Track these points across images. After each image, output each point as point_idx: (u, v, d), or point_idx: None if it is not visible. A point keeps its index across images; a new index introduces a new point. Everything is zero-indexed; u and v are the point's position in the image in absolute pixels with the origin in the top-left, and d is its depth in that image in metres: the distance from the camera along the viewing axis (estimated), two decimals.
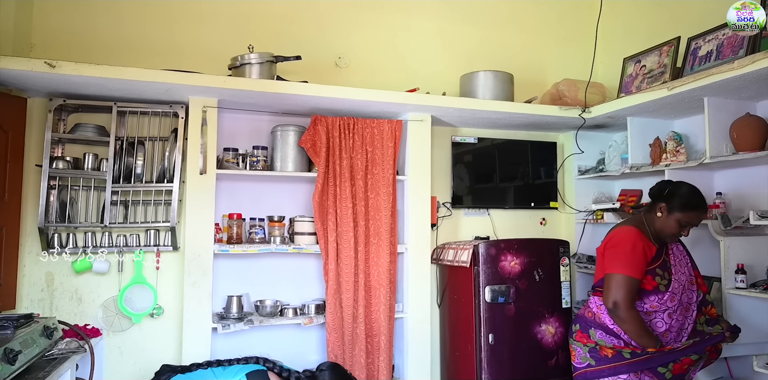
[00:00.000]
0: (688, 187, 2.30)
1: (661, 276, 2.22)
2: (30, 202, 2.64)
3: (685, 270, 2.30)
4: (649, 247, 2.22)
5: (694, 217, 2.24)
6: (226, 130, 2.91)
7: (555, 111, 3.14)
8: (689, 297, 2.27)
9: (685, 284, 2.26)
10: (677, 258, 2.31)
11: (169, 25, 2.94)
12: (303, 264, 3.06)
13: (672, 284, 2.23)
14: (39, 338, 2.16)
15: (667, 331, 2.24)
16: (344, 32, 3.25)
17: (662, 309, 2.23)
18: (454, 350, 3.09)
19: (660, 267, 2.23)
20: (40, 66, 2.29)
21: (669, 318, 2.23)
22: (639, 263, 2.17)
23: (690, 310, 2.27)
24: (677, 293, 2.23)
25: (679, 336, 2.25)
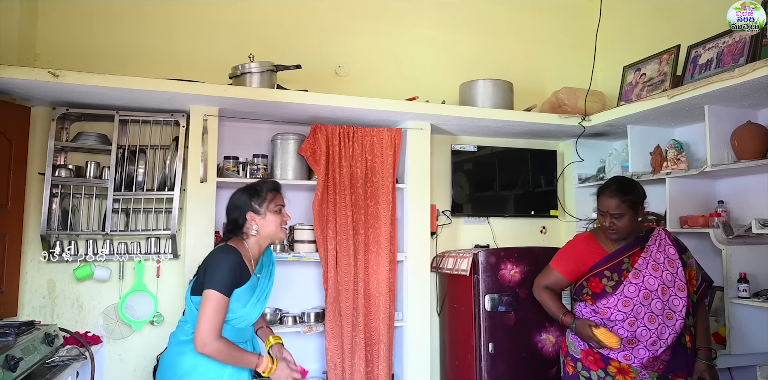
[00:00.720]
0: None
1: (609, 277, 2.18)
2: (32, 210, 2.66)
3: (662, 274, 2.14)
4: (596, 251, 2.24)
5: (600, 203, 2.21)
6: (226, 139, 2.93)
7: (555, 119, 3.14)
8: (665, 304, 2.11)
9: (658, 290, 2.11)
10: (653, 262, 2.16)
11: (171, 35, 2.98)
12: (302, 272, 3.07)
13: (624, 287, 2.12)
14: (40, 345, 2.17)
15: (634, 339, 2.10)
16: (344, 41, 3.28)
17: (618, 318, 2.12)
18: (454, 359, 3.08)
19: (609, 269, 2.18)
20: (43, 75, 2.33)
21: (631, 327, 2.11)
22: (568, 261, 2.32)
23: (673, 319, 2.10)
24: (633, 297, 2.11)
25: (655, 346, 2.10)
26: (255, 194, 1.95)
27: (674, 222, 2.81)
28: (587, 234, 2.38)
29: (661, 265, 2.15)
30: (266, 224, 1.94)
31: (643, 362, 2.11)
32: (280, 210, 1.98)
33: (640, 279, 2.13)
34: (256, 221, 1.93)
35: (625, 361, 2.12)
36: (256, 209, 1.93)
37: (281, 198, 2.01)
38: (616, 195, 2.17)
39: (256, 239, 1.95)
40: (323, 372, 2.97)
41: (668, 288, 2.12)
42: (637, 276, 2.14)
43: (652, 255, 2.17)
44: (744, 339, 2.47)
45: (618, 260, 2.19)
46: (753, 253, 2.57)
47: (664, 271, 2.15)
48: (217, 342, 1.77)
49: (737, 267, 2.53)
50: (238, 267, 1.85)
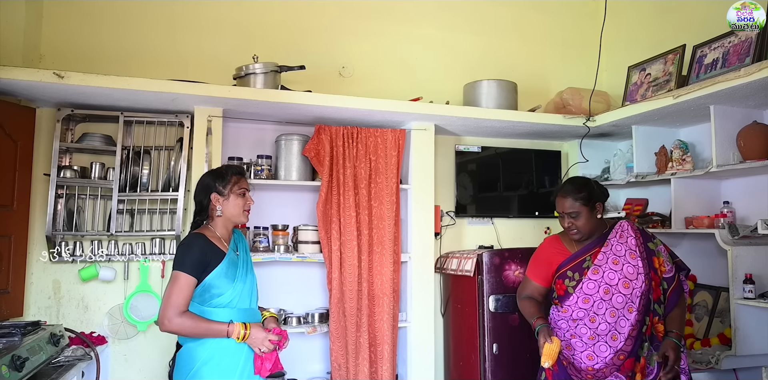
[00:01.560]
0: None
1: (570, 277, 2.17)
2: (38, 211, 2.67)
3: (623, 268, 2.10)
4: (560, 252, 2.24)
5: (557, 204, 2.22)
6: (230, 139, 2.94)
7: (559, 119, 3.13)
8: (627, 298, 2.07)
9: (619, 284, 2.08)
10: (613, 256, 2.13)
11: (175, 36, 2.99)
12: (307, 272, 3.07)
13: (583, 284, 2.11)
14: (46, 345, 2.19)
15: (595, 335, 2.08)
16: (348, 42, 3.28)
17: (579, 315, 2.10)
18: (458, 359, 3.07)
19: (571, 269, 2.18)
20: (49, 77, 2.34)
21: (593, 323, 2.09)
22: (537, 267, 2.32)
23: (633, 311, 2.06)
24: (592, 294, 2.09)
25: (615, 341, 2.06)
26: (219, 176, 2.03)
27: (679, 223, 2.80)
28: (554, 236, 2.37)
29: (622, 258, 2.12)
30: (229, 206, 2.01)
31: (607, 361, 2.07)
32: (244, 194, 2.05)
33: (600, 274, 2.12)
34: (219, 202, 2.01)
35: (588, 362, 2.09)
36: (220, 190, 2.01)
37: (246, 183, 2.08)
38: (568, 194, 2.18)
39: (221, 220, 2.02)
40: (327, 373, 2.97)
41: (630, 281, 2.08)
42: (596, 272, 2.12)
43: (613, 249, 2.15)
44: (749, 340, 2.46)
45: (580, 259, 2.18)
46: (759, 254, 2.56)
47: (625, 264, 2.11)
48: (179, 318, 1.84)
49: (743, 268, 2.52)
50: (201, 248, 1.92)
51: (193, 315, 1.88)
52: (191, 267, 1.87)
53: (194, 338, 1.91)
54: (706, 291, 2.89)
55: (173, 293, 1.86)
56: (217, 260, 1.93)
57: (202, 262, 1.90)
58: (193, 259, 1.88)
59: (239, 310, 1.95)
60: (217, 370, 1.88)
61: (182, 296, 1.86)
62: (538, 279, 2.30)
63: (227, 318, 1.91)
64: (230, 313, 1.92)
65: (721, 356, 2.47)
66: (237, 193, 2.03)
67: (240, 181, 2.05)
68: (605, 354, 2.07)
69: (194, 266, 1.88)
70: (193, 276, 1.87)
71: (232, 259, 1.97)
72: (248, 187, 2.09)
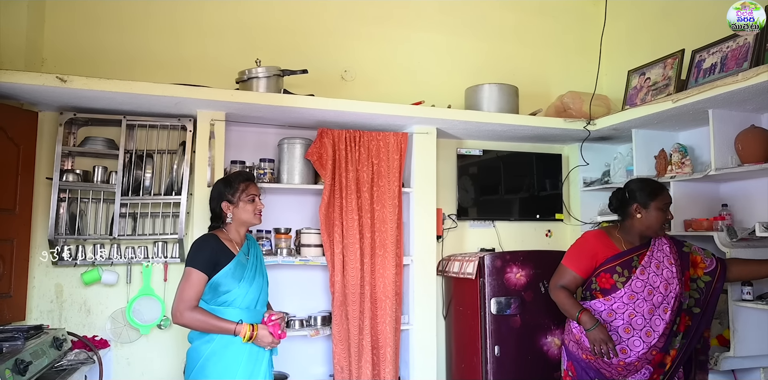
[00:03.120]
0: (638, 180, 2.47)
1: (620, 273, 2.29)
2: (40, 215, 2.67)
3: (662, 272, 2.27)
4: (607, 247, 2.34)
5: (665, 197, 2.33)
6: (233, 143, 2.94)
7: (560, 123, 3.15)
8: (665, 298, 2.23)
9: (660, 286, 2.24)
10: (656, 261, 2.29)
11: (177, 40, 2.99)
12: (309, 275, 3.08)
13: (633, 282, 2.25)
14: (49, 349, 2.19)
15: (631, 329, 2.23)
16: (350, 46, 3.29)
17: (621, 309, 2.24)
18: (460, 362, 3.09)
19: (620, 265, 2.30)
20: (51, 80, 2.34)
21: (630, 317, 2.24)
22: (580, 258, 2.37)
23: (668, 312, 2.23)
24: (639, 292, 2.24)
25: (649, 337, 2.22)
26: (228, 185, 2.16)
27: (679, 226, 2.82)
28: (598, 231, 2.47)
29: (662, 263, 2.29)
30: (239, 212, 2.13)
31: (639, 355, 2.21)
32: (254, 199, 2.16)
33: (646, 275, 2.26)
34: (230, 210, 2.13)
35: (621, 356, 2.22)
36: (229, 199, 2.13)
37: (254, 188, 2.18)
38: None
39: (233, 225, 2.15)
40: (330, 376, 2.98)
41: (669, 285, 2.25)
42: (643, 273, 2.26)
43: (655, 255, 2.31)
44: (748, 341, 2.48)
45: (629, 257, 2.31)
46: (757, 256, 2.56)
47: (665, 269, 2.28)
48: (191, 312, 1.96)
49: None
50: (213, 247, 2.05)
51: (204, 311, 2.00)
52: (202, 264, 2.00)
53: (201, 336, 2.02)
54: None
55: (185, 288, 1.98)
56: (227, 260, 2.04)
57: (213, 261, 2.02)
58: (204, 257, 2.02)
59: (243, 310, 2.05)
60: (220, 365, 1.98)
61: (194, 291, 1.98)
62: (578, 270, 2.37)
63: (232, 316, 2.01)
64: (235, 312, 2.02)
65: (719, 357, 2.49)
66: (246, 200, 2.14)
67: (248, 187, 2.16)
68: (638, 348, 2.22)
69: (205, 264, 2.00)
70: (204, 273, 2.00)
71: (240, 261, 2.08)
72: (257, 191, 2.20)
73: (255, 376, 2.04)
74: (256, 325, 2.02)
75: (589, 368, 2.31)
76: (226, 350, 2.00)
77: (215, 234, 2.11)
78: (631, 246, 2.34)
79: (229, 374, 1.98)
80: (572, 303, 2.31)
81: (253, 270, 2.11)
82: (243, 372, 2.01)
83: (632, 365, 2.24)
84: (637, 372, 2.26)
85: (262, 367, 2.07)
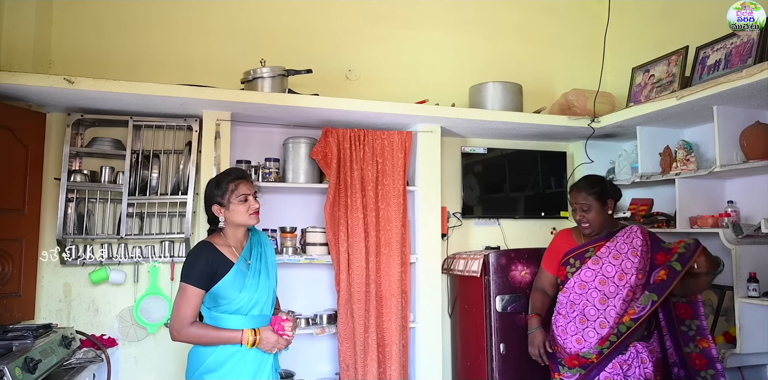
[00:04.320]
0: None
1: (572, 264, 2.41)
2: (48, 215, 2.70)
3: (621, 262, 2.31)
4: (568, 243, 2.48)
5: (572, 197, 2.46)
6: (239, 143, 2.96)
7: (564, 121, 3.15)
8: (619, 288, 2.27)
9: (615, 276, 2.29)
10: (615, 252, 2.33)
11: (183, 41, 3.01)
12: (315, 274, 3.09)
13: (582, 271, 2.34)
14: (57, 348, 2.21)
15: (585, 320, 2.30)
16: (354, 45, 3.30)
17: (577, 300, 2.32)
18: (466, 360, 3.09)
19: (574, 257, 2.41)
20: (59, 82, 2.36)
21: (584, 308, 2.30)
22: (548, 257, 2.56)
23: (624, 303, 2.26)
24: (589, 281, 2.32)
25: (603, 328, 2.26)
26: (217, 187, 2.00)
27: (684, 223, 2.82)
28: (565, 230, 2.60)
29: (623, 255, 2.32)
30: (232, 215, 1.98)
31: (593, 345, 2.28)
32: (246, 199, 1.98)
33: (599, 265, 2.33)
34: (221, 213, 1.99)
35: (577, 346, 2.30)
36: (219, 201, 1.98)
37: (245, 187, 1.99)
38: (582, 188, 2.41)
39: (230, 228, 2.01)
40: (336, 374, 2.99)
41: (625, 275, 2.28)
42: (596, 263, 2.34)
43: (617, 246, 2.34)
44: (754, 338, 2.48)
45: (584, 249, 2.41)
46: (762, 253, 2.57)
47: (624, 260, 2.31)
48: (189, 328, 1.87)
49: (747, 266, 2.54)
50: (207, 259, 1.91)
51: (202, 325, 1.91)
52: (197, 278, 1.88)
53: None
54: (711, 291, 2.91)
55: (181, 306, 1.88)
56: (225, 270, 1.92)
57: (209, 273, 1.90)
58: (199, 271, 1.89)
59: (248, 317, 1.95)
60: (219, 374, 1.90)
61: (190, 308, 1.88)
62: (549, 269, 2.55)
63: (236, 324, 1.91)
64: (239, 320, 1.93)
65: (726, 354, 2.49)
66: (237, 201, 1.97)
67: (238, 186, 1.98)
68: (593, 339, 2.27)
69: (200, 277, 1.89)
70: (199, 288, 1.89)
71: (240, 269, 1.95)
72: (250, 190, 2.01)
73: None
74: (258, 329, 1.93)
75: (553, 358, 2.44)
76: (228, 357, 1.91)
77: (210, 243, 1.96)
78: (591, 239, 2.43)
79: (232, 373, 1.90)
80: (532, 306, 2.55)
81: (256, 275, 1.98)
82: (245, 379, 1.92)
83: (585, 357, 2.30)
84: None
85: (265, 372, 1.97)
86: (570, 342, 2.31)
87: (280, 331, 1.97)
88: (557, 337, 2.37)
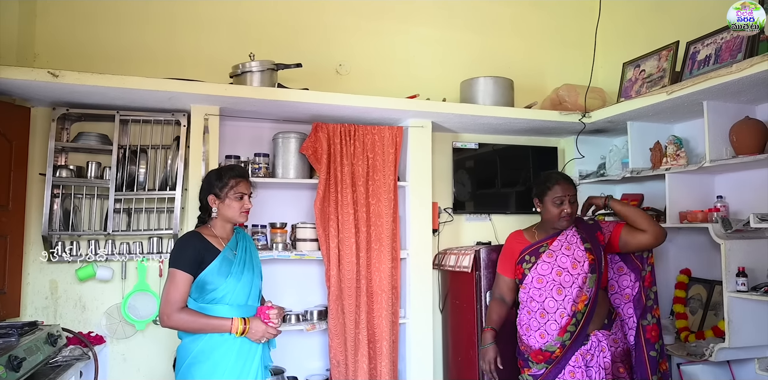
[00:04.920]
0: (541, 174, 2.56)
1: (527, 261, 2.39)
2: (34, 211, 2.66)
3: (573, 252, 2.32)
4: (520, 243, 2.46)
5: (556, 191, 2.34)
6: (227, 138, 2.93)
7: (555, 116, 3.15)
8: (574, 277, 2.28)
9: (569, 266, 2.30)
10: (567, 243, 2.35)
11: (171, 34, 2.98)
12: (305, 270, 3.08)
13: (538, 265, 2.34)
14: (43, 345, 2.18)
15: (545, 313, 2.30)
16: (345, 39, 3.28)
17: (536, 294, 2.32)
18: (457, 355, 3.09)
19: (529, 254, 2.40)
20: (43, 76, 2.32)
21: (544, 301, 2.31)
22: (504, 262, 2.52)
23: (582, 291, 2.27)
24: (546, 274, 2.32)
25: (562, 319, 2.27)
26: (218, 178, 2.06)
27: (674, 218, 2.83)
28: (516, 231, 2.56)
29: (573, 245, 2.35)
30: (225, 208, 2.05)
31: (554, 338, 2.27)
32: (242, 197, 2.06)
33: (554, 258, 2.34)
34: (215, 204, 2.06)
35: (541, 340, 2.29)
36: (217, 193, 2.05)
37: (245, 186, 2.08)
38: (570, 181, 2.40)
39: (219, 220, 2.08)
40: (327, 370, 2.98)
41: (578, 263, 2.31)
42: (550, 256, 2.35)
43: (568, 238, 2.37)
44: (743, 332, 2.49)
45: (537, 245, 2.40)
46: (751, 247, 2.58)
47: (576, 250, 2.34)
48: (178, 313, 1.91)
49: (736, 261, 2.54)
50: (195, 246, 1.98)
51: (192, 311, 1.94)
52: (186, 264, 1.94)
53: (189, 333, 1.97)
54: (700, 285, 2.93)
55: (170, 290, 1.93)
56: (212, 257, 1.98)
57: (197, 259, 1.96)
58: (187, 257, 1.95)
59: (233, 306, 1.99)
60: (207, 364, 1.93)
61: (179, 292, 1.93)
62: (506, 273, 2.50)
63: (222, 313, 1.96)
64: (224, 309, 1.97)
65: (715, 348, 2.50)
66: (233, 197, 2.05)
67: (239, 184, 2.06)
68: (555, 331, 2.27)
69: (189, 263, 1.94)
70: (188, 273, 1.94)
71: (226, 257, 2.01)
72: (248, 190, 2.10)
73: (245, 376, 1.97)
74: (248, 319, 1.98)
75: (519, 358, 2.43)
76: (214, 349, 1.94)
77: (198, 232, 2.05)
78: (542, 237, 2.42)
79: (217, 373, 1.93)
80: (488, 319, 2.50)
81: (241, 265, 2.04)
82: (232, 372, 1.94)
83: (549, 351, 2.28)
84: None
85: (253, 366, 1.99)
86: (534, 338, 2.32)
87: (266, 319, 2.01)
88: (522, 336, 2.38)
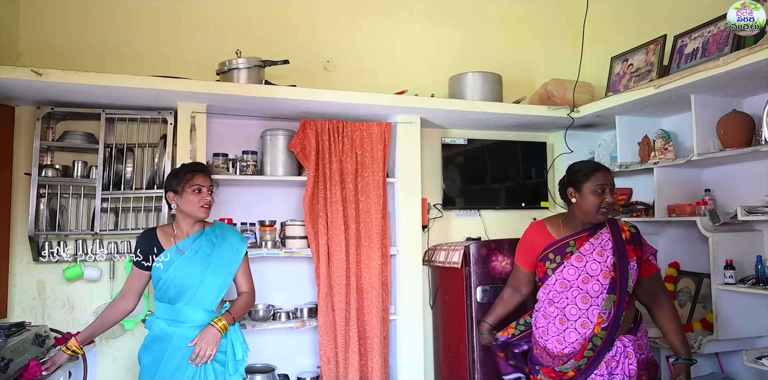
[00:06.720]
0: (576, 162, 2.30)
1: (551, 260, 2.18)
2: (19, 211, 2.64)
3: (607, 260, 2.10)
4: (544, 237, 2.23)
5: (599, 178, 2.11)
6: (215, 136, 2.91)
7: (544, 111, 3.15)
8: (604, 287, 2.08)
9: (600, 274, 2.08)
10: (600, 248, 2.12)
11: (157, 31, 2.95)
12: (295, 267, 3.07)
13: (564, 269, 2.12)
14: (31, 346, 2.17)
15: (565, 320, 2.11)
16: (333, 36, 3.26)
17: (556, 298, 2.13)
18: (447, 351, 3.10)
19: (553, 251, 2.18)
20: (26, 74, 2.29)
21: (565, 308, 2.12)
22: (522, 254, 2.35)
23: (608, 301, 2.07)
24: (571, 280, 2.11)
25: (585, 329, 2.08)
26: (174, 175, 2.14)
27: (662, 211, 2.84)
28: (538, 222, 2.35)
29: (606, 251, 2.12)
30: (183, 203, 2.10)
31: (575, 346, 2.09)
32: (200, 190, 2.10)
33: (583, 263, 2.12)
34: (174, 200, 2.12)
35: (558, 346, 2.12)
36: (174, 189, 2.11)
37: (202, 179, 2.12)
38: (610, 171, 2.18)
39: (180, 217, 2.14)
40: (317, 367, 2.98)
41: (610, 273, 2.09)
42: (580, 260, 2.12)
43: (602, 243, 2.13)
44: (730, 324, 2.51)
45: (563, 242, 2.17)
46: (739, 240, 2.59)
47: (609, 257, 2.11)
48: (112, 304, 2.22)
49: (724, 254, 2.55)
50: (141, 242, 2.13)
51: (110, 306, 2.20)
52: (135, 259, 2.14)
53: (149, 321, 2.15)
54: (689, 278, 2.94)
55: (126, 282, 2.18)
56: (156, 255, 2.09)
57: (144, 255, 2.11)
58: (137, 252, 2.12)
59: (165, 304, 2.08)
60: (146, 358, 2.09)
61: (127, 284, 2.17)
62: (524, 266, 2.33)
63: (162, 312, 2.09)
64: (164, 308, 2.08)
65: (703, 340, 2.51)
66: (190, 191, 2.09)
67: (194, 177, 2.10)
68: (573, 340, 2.10)
69: (137, 258, 2.12)
70: (136, 267, 2.13)
71: (171, 256, 2.08)
72: (205, 182, 2.12)
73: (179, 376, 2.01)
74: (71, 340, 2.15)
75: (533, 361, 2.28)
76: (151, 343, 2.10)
77: (153, 229, 2.16)
78: (569, 232, 2.19)
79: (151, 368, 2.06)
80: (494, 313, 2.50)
81: (185, 265, 2.05)
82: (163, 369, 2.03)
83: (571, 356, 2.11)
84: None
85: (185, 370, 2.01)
86: (551, 342, 2.16)
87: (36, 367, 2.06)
88: (539, 339, 2.22)
